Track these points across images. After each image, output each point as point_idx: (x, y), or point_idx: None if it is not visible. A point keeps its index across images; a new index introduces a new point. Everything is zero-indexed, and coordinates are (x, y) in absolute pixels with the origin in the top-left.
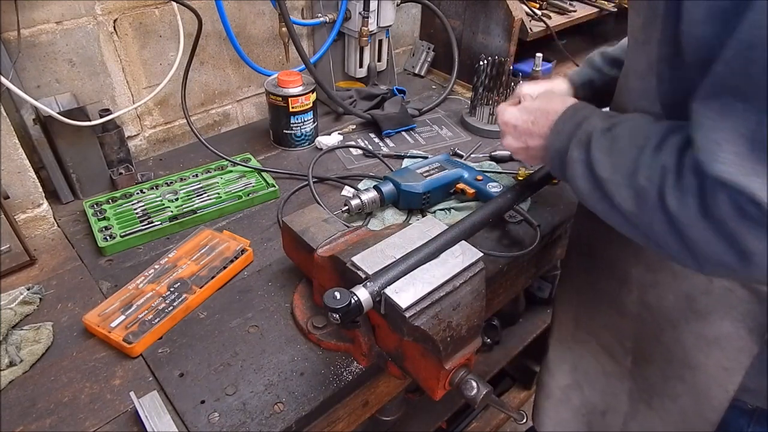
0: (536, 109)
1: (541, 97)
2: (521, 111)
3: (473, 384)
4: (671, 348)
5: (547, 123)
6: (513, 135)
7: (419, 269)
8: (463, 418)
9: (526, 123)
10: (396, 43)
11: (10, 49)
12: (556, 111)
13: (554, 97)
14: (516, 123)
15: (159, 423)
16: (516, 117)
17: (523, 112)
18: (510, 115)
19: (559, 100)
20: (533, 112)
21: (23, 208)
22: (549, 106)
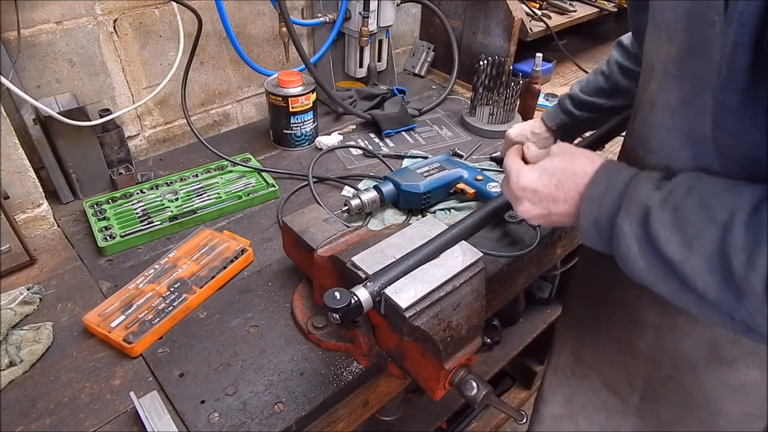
0: (559, 169)
1: (560, 153)
2: (541, 172)
3: (473, 384)
4: (689, 390)
5: (574, 186)
6: (532, 201)
7: (419, 269)
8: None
9: (548, 187)
10: (396, 43)
11: (10, 49)
12: (585, 172)
13: (577, 154)
14: (536, 187)
15: (159, 423)
16: (535, 180)
17: (543, 174)
18: (528, 178)
19: (583, 157)
20: (556, 174)
21: (23, 208)
22: (574, 165)
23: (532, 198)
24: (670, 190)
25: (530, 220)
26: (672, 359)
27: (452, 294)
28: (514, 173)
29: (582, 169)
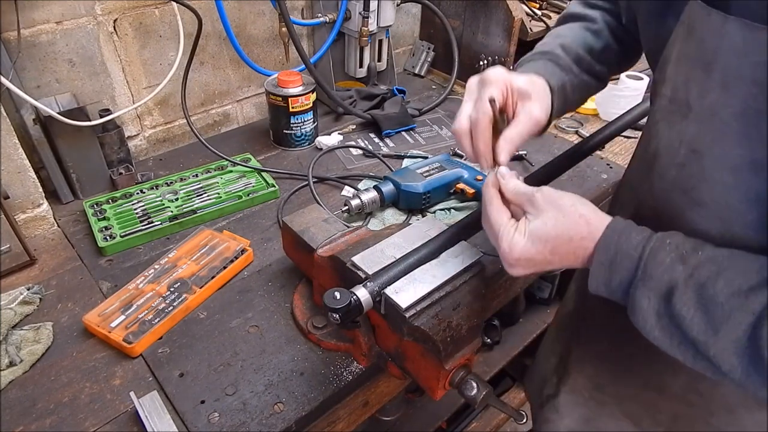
0: (552, 236)
1: (548, 210)
2: (533, 241)
3: (473, 384)
4: (722, 430)
5: (571, 251)
6: (525, 267)
7: (419, 269)
8: (463, 418)
9: (542, 254)
10: (396, 43)
11: (10, 49)
12: (582, 236)
13: (568, 212)
14: (530, 256)
15: (159, 423)
16: (529, 250)
17: (536, 242)
18: (521, 250)
19: (576, 216)
20: (549, 240)
21: (23, 208)
22: (568, 229)
23: (527, 265)
24: (696, 266)
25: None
26: (707, 401)
27: (452, 294)
28: (504, 243)
29: (578, 234)
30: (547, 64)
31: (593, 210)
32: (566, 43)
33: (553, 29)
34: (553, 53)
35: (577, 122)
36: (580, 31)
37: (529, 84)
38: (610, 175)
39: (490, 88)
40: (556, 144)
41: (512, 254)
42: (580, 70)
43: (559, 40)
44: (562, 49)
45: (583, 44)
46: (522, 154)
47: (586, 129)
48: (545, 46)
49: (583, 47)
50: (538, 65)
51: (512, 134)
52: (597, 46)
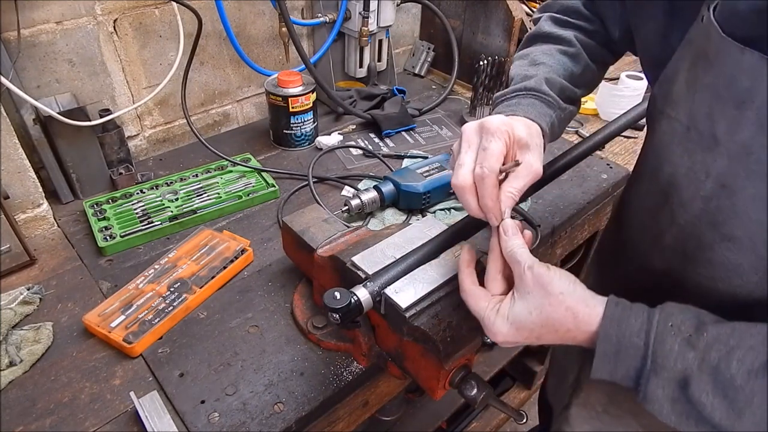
0: (538, 325)
1: (532, 295)
2: (517, 329)
3: (473, 384)
4: None
5: (557, 339)
6: (511, 343)
7: (419, 269)
8: (463, 418)
9: (527, 339)
10: (396, 43)
11: (10, 49)
12: (567, 329)
13: (555, 301)
14: (514, 340)
15: (159, 423)
16: (513, 336)
17: (520, 330)
18: (505, 336)
19: (563, 308)
20: (534, 330)
21: (23, 208)
22: (555, 322)
23: (513, 342)
24: (706, 349)
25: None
26: None
27: (452, 294)
28: (487, 329)
29: (563, 327)
30: (535, 104)
31: (581, 299)
32: (550, 76)
33: (529, 50)
34: (540, 90)
35: (577, 122)
36: (560, 58)
37: (527, 134)
38: (610, 175)
39: (494, 141)
40: (556, 144)
41: (497, 337)
42: (565, 103)
43: (543, 72)
44: (548, 83)
45: (564, 73)
46: None
47: (586, 129)
48: (528, 80)
49: (565, 76)
50: (526, 106)
51: (514, 188)
52: (576, 71)
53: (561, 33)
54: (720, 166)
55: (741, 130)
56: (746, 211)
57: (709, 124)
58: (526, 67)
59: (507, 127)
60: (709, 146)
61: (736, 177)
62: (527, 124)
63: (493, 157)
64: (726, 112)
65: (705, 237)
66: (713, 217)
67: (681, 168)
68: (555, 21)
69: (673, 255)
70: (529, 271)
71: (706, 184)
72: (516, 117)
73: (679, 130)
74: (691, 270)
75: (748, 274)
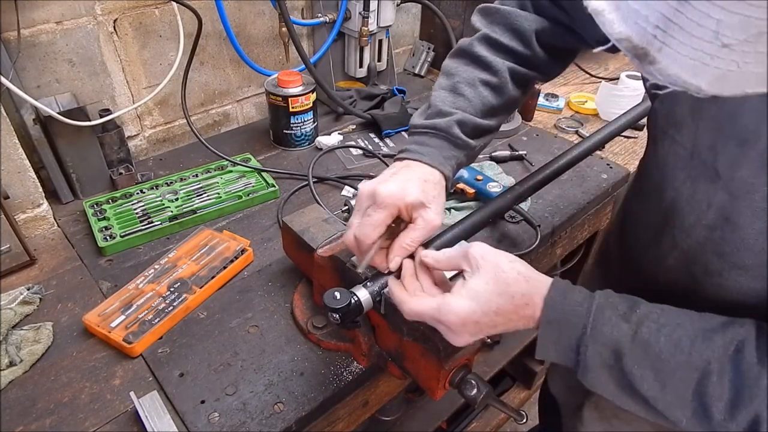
0: (495, 293)
1: (484, 267)
2: (477, 301)
3: (473, 384)
4: None
5: (513, 309)
6: (472, 332)
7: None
8: (463, 418)
9: (488, 315)
10: (396, 43)
11: (10, 49)
12: (522, 294)
13: (507, 269)
14: (478, 318)
15: (159, 423)
16: (474, 310)
17: (480, 302)
18: (466, 310)
19: (515, 273)
20: (492, 300)
21: (23, 208)
22: (511, 287)
23: (474, 329)
24: (639, 323)
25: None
26: None
27: None
28: (447, 314)
29: (518, 291)
30: (443, 146)
31: (529, 268)
32: (464, 118)
33: (454, 68)
34: (450, 133)
35: (577, 122)
36: (481, 91)
37: (422, 195)
38: (610, 175)
39: (376, 213)
40: (556, 144)
41: (457, 320)
42: (476, 140)
43: (459, 111)
44: (459, 126)
45: (483, 108)
46: (522, 154)
47: (586, 129)
48: (442, 117)
49: (482, 112)
50: (434, 148)
51: (407, 241)
52: (497, 103)
53: (490, 60)
54: (721, 199)
55: (742, 167)
56: (755, 244)
57: (712, 156)
58: (445, 94)
59: (397, 197)
60: (711, 177)
61: (740, 213)
62: (424, 179)
63: (371, 226)
64: (728, 148)
65: (712, 264)
66: (719, 247)
67: (683, 194)
68: (491, 43)
69: (678, 276)
70: (475, 249)
71: (708, 214)
72: (417, 166)
73: (682, 154)
74: (700, 292)
75: (762, 296)
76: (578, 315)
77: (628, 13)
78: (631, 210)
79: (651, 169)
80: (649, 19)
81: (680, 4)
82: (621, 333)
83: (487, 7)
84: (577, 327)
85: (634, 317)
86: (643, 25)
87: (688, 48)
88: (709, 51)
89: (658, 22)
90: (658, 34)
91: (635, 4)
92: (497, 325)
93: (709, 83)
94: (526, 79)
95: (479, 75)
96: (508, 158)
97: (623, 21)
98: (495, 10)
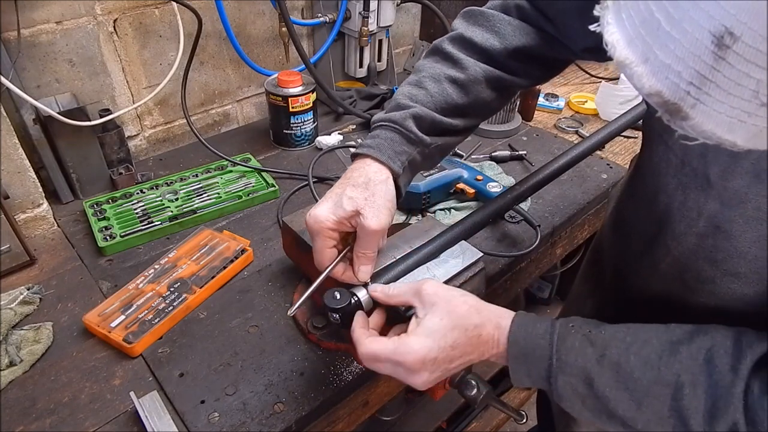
0: (448, 328)
1: (435, 303)
2: (432, 338)
3: (473, 384)
4: None
5: (468, 342)
6: (431, 370)
7: (419, 269)
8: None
9: (444, 350)
10: (396, 43)
11: (10, 49)
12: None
13: (456, 303)
14: (436, 355)
15: (159, 423)
16: (431, 348)
17: (435, 338)
18: (423, 348)
19: (466, 307)
20: (447, 335)
21: (23, 208)
22: (461, 319)
23: (432, 367)
24: (605, 345)
25: (427, 385)
26: None
27: None
28: (403, 355)
29: (471, 323)
30: (395, 140)
31: (480, 301)
32: (421, 111)
33: (424, 65)
34: (403, 125)
35: (577, 122)
36: (445, 87)
37: (350, 203)
38: (610, 175)
39: (316, 242)
40: (556, 144)
41: (416, 359)
42: (434, 137)
43: (418, 105)
44: (414, 120)
45: (444, 104)
46: (522, 154)
47: (586, 129)
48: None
49: (443, 108)
50: (384, 141)
51: (358, 252)
52: (461, 101)
53: (460, 58)
54: (712, 208)
55: (734, 177)
56: (750, 252)
57: (703, 164)
58: (409, 88)
59: (324, 220)
60: (702, 186)
61: (732, 222)
62: (364, 182)
63: (318, 254)
64: (719, 158)
65: (704, 272)
66: (711, 255)
67: (675, 201)
68: (463, 42)
69: (671, 282)
70: (428, 287)
71: (699, 222)
72: (363, 167)
73: (674, 161)
74: (693, 299)
75: (755, 302)
76: (542, 348)
77: (659, 68)
78: (625, 214)
79: (645, 173)
80: (682, 75)
81: (717, 62)
82: (586, 359)
83: (470, 10)
84: (542, 359)
85: (599, 339)
86: (675, 80)
87: (725, 106)
88: (747, 109)
89: (693, 79)
90: (692, 90)
91: (666, 58)
92: (453, 359)
93: (745, 140)
94: (501, 83)
95: (446, 71)
96: (508, 158)
97: (653, 75)
98: (479, 12)
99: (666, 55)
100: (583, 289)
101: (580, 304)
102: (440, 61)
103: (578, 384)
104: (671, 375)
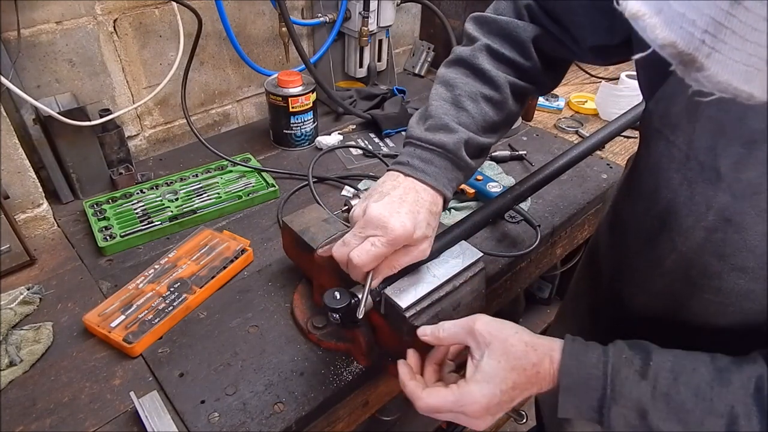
0: (507, 369)
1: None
2: (493, 383)
3: None
4: None
5: (526, 380)
6: (495, 414)
7: (419, 269)
8: None
9: (506, 393)
10: (396, 43)
11: (10, 49)
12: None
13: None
14: (499, 401)
15: (159, 423)
16: (493, 395)
17: (496, 383)
18: (485, 398)
19: (522, 345)
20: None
21: (23, 208)
22: (521, 360)
23: (495, 410)
24: (655, 377)
25: (488, 425)
26: None
27: (452, 294)
28: (468, 406)
29: (529, 362)
30: (448, 168)
31: (533, 335)
32: (469, 137)
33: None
34: (457, 155)
35: (577, 122)
36: (483, 107)
37: (428, 229)
38: (610, 175)
39: (384, 248)
40: (556, 144)
41: (480, 408)
42: (476, 161)
43: (464, 128)
44: (466, 147)
45: (485, 124)
46: (522, 154)
47: (586, 129)
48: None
49: (484, 128)
50: (439, 169)
51: (395, 263)
52: (498, 119)
53: (492, 74)
54: (722, 200)
55: (747, 168)
56: (759, 246)
57: (712, 157)
58: (448, 106)
59: (408, 234)
60: (710, 179)
61: (743, 214)
62: (430, 210)
63: (373, 258)
64: (731, 150)
65: (711, 266)
66: (719, 249)
67: (680, 196)
68: (492, 54)
69: (675, 280)
70: (479, 325)
71: (708, 216)
72: (423, 192)
73: (677, 156)
74: (697, 295)
75: (761, 298)
76: (595, 378)
77: (672, 17)
78: (622, 213)
79: (643, 170)
80: (696, 23)
81: (732, 6)
82: (641, 392)
83: (482, 16)
84: (596, 390)
85: (650, 372)
86: (689, 29)
87: (742, 53)
88: (764, 56)
89: (708, 27)
90: (707, 39)
91: (680, 7)
92: (514, 398)
93: (762, 90)
94: (524, 93)
95: (481, 89)
96: (508, 158)
97: (666, 25)
98: (492, 19)
99: (680, 3)
100: (579, 288)
101: (576, 303)
102: (471, 75)
103: (631, 416)
104: (724, 406)
